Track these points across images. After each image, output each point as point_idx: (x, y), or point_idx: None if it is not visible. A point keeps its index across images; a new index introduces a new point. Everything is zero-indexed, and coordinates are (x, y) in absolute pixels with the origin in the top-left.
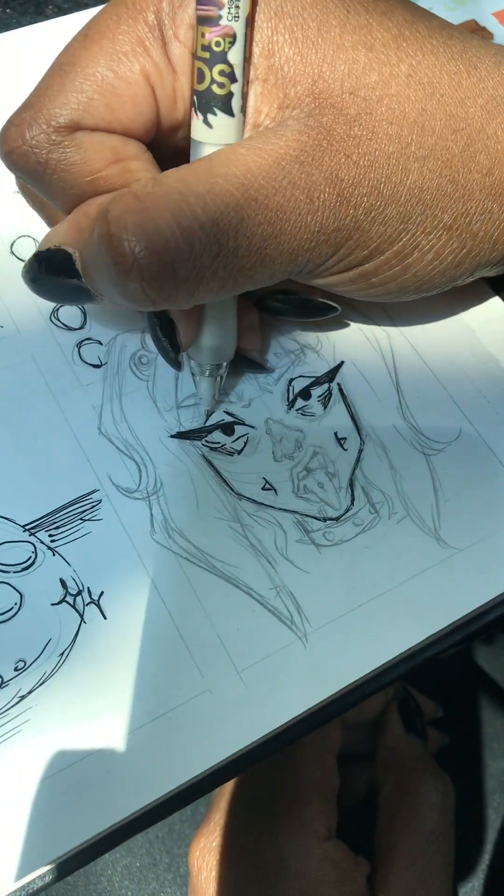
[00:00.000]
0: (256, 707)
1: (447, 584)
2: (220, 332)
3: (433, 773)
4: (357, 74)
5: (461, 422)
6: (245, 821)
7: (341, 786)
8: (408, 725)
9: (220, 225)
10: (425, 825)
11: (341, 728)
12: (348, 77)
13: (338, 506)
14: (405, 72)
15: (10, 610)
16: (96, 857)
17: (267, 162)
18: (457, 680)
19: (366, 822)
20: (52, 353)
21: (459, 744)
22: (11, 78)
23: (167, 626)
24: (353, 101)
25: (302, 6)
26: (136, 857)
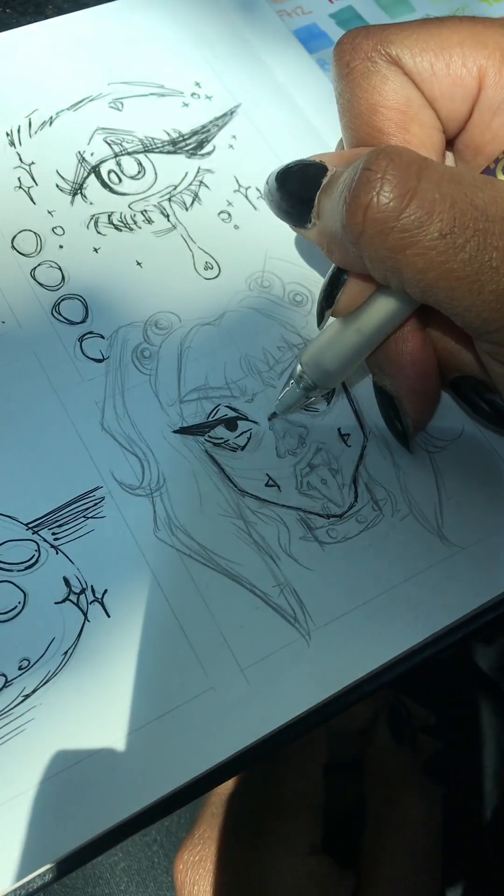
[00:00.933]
0: (260, 705)
1: (450, 582)
2: (343, 364)
3: (421, 786)
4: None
5: (464, 420)
6: (229, 835)
7: (328, 797)
8: (397, 735)
9: (466, 217)
10: (411, 839)
11: (329, 736)
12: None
13: (341, 503)
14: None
15: (13, 609)
16: (98, 855)
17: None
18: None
19: (354, 834)
20: (53, 348)
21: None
22: (11, 78)
23: (170, 624)
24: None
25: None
26: (134, 860)
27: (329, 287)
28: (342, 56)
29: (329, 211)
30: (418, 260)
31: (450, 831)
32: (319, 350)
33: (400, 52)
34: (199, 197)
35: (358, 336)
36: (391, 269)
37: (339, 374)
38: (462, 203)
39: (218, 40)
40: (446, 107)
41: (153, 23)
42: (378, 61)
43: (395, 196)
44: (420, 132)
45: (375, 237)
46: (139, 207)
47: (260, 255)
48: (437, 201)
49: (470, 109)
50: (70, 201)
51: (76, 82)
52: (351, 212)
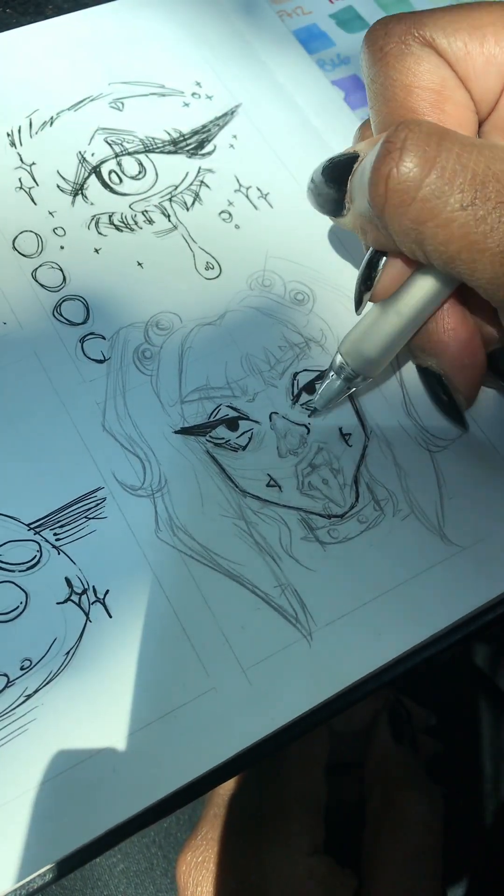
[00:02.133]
0: (262, 705)
1: (451, 581)
2: (386, 350)
3: (421, 786)
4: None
5: (466, 416)
6: (231, 836)
7: (329, 797)
8: (397, 735)
9: (488, 189)
10: (412, 840)
11: (330, 736)
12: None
13: (342, 503)
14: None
15: (15, 609)
16: (98, 855)
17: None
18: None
19: (355, 834)
20: (54, 349)
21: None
22: (12, 78)
23: (172, 624)
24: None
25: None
26: (132, 862)
27: (367, 271)
28: (375, 41)
29: (358, 192)
30: (440, 231)
31: (451, 831)
32: (360, 337)
33: (433, 33)
34: (199, 197)
35: (399, 319)
36: (416, 241)
37: (382, 361)
38: (483, 174)
39: (218, 40)
40: (480, 86)
41: (153, 23)
42: (412, 43)
43: (414, 165)
44: (455, 111)
45: (398, 208)
46: (140, 208)
47: (261, 255)
48: (457, 171)
49: (502, 88)
50: (71, 202)
51: (76, 82)
52: (373, 184)
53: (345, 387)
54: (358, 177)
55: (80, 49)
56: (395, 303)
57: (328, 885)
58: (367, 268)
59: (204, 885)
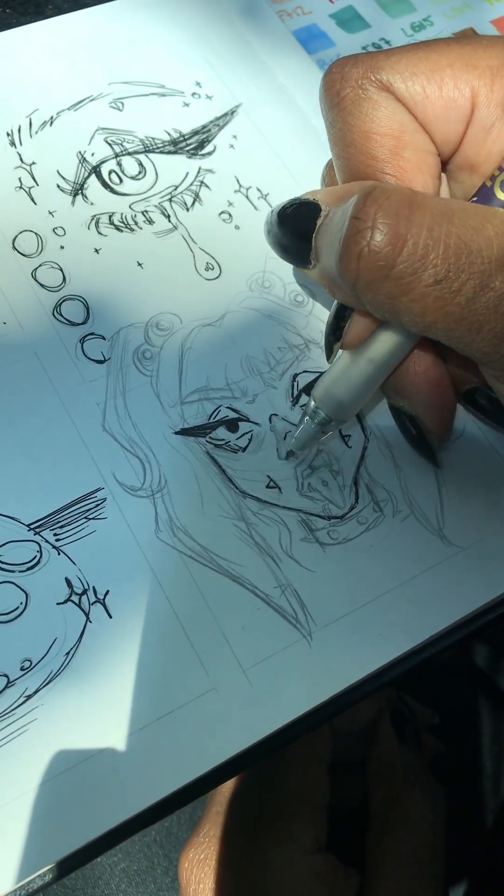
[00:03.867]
0: (262, 705)
1: (451, 582)
2: (358, 395)
3: (425, 785)
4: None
5: (465, 420)
6: (234, 834)
7: (332, 795)
8: (400, 734)
9: (461, 262)
10: (415, 838)
11: (333, 736)
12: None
13: (342, 504)
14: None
15: (15, 609)
16: (99, 855)
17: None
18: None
19: (358, 833)
20: (54, 350)
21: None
22: (12, 78)
23: (172, 625)
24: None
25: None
26: (133, 861)
27: (335, 321)
28: (332, 85)
29: (326, 254)
30: (415, 305)
31: (453, 830)
32: (332, 384)
33: (391, 77)
34: (199, 197)
35: (370, 366)
36: (390, 312)
37: (355, 406)
38: (456, 246)
39: (218, 40)
40: (440, 129)
41: (153, 23)
42: (369, 88)
43: (386, 245)
44: (415, 157)
45: (371, 284)
46: (140, 208)
47: (261, 256)
48: (429, 247)
49: (464, 130)
50: (71, 202)
51: (76, 82)
52: (344, 261)
53: (319, 431)
54: (325, 239)
55: (80, 49)
56: (366, 350)
57: (330, 883)
58: (336, 318)
59: (206, 883)
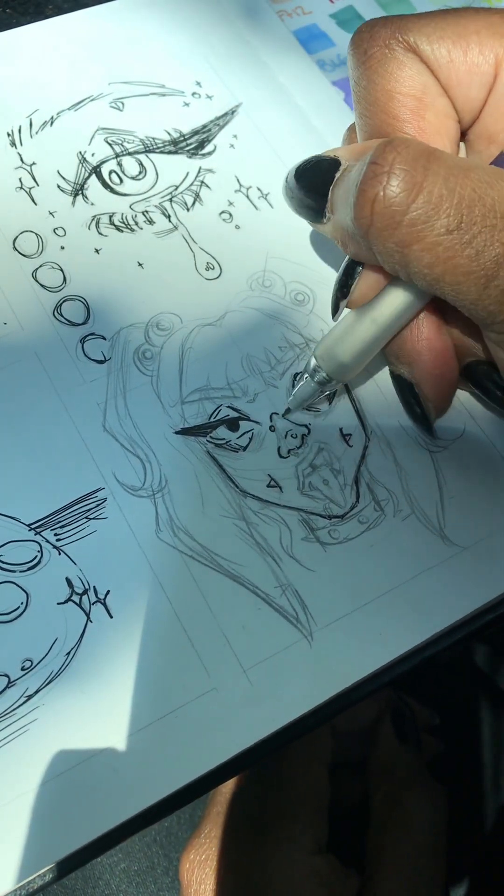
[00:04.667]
0: (262, 705)
1: (452, 582)
2: (359, 355)
3: (425, 785)
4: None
5: (465, 419)
6: (234, 835)
7: (333, 796)
8: (401, 735)
9: (473, 213)
10: (415, 838)
11: (333, 736)
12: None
13: (343, 503)
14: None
15: (16, 609)
16: (99, 855)
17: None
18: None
19: (358, 833)
20: (55, 350)
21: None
22: (12, 78)
23: (173, 625)
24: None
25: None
26: (133, 861)
27: (344, 278)
28: (360, 44)
29: (341, 205)
30: (425, 255)
31: (453, 830)
32: (334, 342)
33: (418, 39)
34: (200, 197)
35: (374, 327)
36: (399, 263)
37: (356, 366)
38: (469, 198)
39: (218, 40)
40: (462, 94)
41: (153, 22)
42: (396, 48)
43: (401, 190)
44: (435, 120)
45: (383, 231)
46: (140, 208)
47: (261, 255)
48: (444, 196)
49: (485, 98)
50: (71, 202)
51: (77, 82)
52: (359, 206)
53: (318, 389)
54: (342, 190)
55: (80, 49)
56: (371, 310)
57: (331, 883)
58: (345, 275)
59: (207, 883)
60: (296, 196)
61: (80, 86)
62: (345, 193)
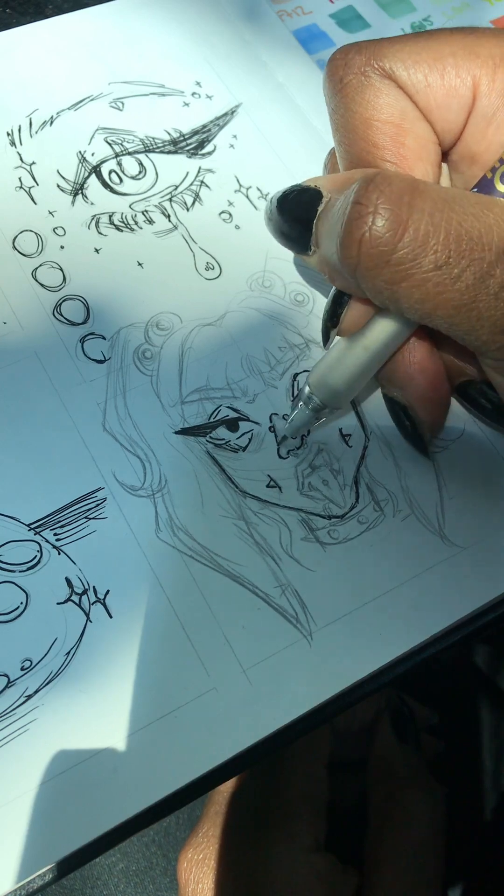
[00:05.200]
0: (262, 705)
1: (452, 582)
2: (352, 382)
3: (424, 784)
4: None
5: (465, 420)
6: (233, 833)
7: (332, 795)
8: (400, 734)
9: (461, 248)
10: (414, 837)
11: (333, 736)
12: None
13: (342, 503)
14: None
15: (15, 609)
16: (98, 855)
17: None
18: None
19: (357, 832)
20: (55, 349)
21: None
22: (12, 78)
23: (172, 625)
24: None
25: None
26: (132, 861)
27: (333, 307)
28: (335, 72)
29: (326, 240)
30: (415, 291)
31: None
32: (327, 370)
33: (393, 64)
34: (199, 197)
35: (365, 353)
36: (389, 299)
37: (349, 393)
38: (456, 232)
39: (218, 40)
40: (442, 118)
41: (153, 23)
42: (371, 75)
43: (387, 231)
44: (415, 145)
45: (371, 270)
46: (140, 207)
47: (261, 255)
48: (430, 233)
49: (465, 120)
50: (71, 201)
51: (77, 82)
52: (345, 246)
53: (313, 417)
54: (326, 226)
55: (80, 49)
56: (362, 338)
57: (330, 882)
58: (334, 304)
59: (205, 883)
60: (278, 226)
61: (79, 85)
62: (329, 230)
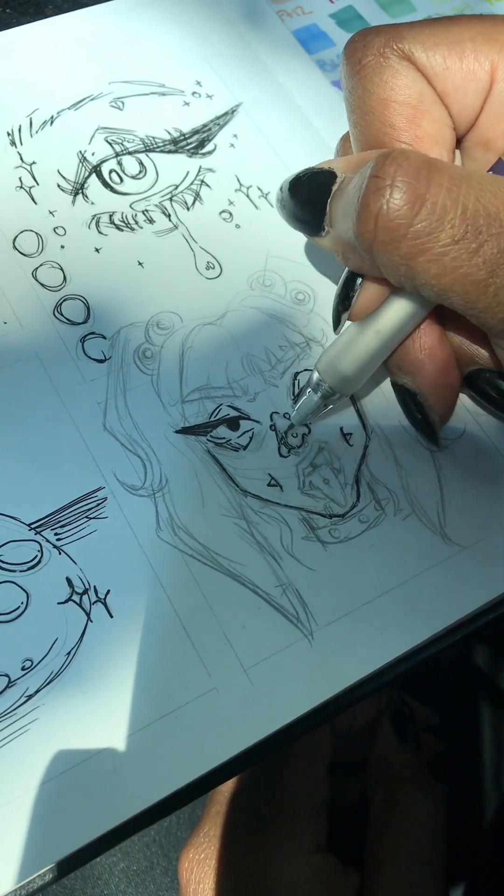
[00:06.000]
0: (263, 705)
1: (453, 581)
2: (362, 368)
3: (424, 785)
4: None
5: (466, 419)
6: (233, 834)
7: (333, 795)
8: (400, 734)
9: (479, 222)
10: (414, 837)
11: (333, 736)
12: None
13: (343, 502)
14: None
15: (16, 609)
16: (98, 855)
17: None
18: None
19: (358, 832)
20: (55, 349)
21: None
22: (12, 77)
23: (173, 625)
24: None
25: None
26: (133, 861)
27: (344, 290)
28: (353, 53)
29: (341, 219)
30: (432, 266)
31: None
32: (337, 355)
33: (412, 47)
34: (200, 196)
35: (377, 338)
36: (405, 275)
37: (359, 379)
38: (474, 207)
39: (218, 39)
40: (458, 102)
41: (153, 22)
42: (390, 56)
43: (404, 203)
44: (431, 128)
45: (388, 244)
46: (140, 207)
47: (261, 255)
48: (448, 207)
49: (481, 104)
50: (71, 201)
51: (77, 82)
52: (362, 220)
53: (321, 403)
54: (341, 204)
55: (80, 49)
56: (373, 322)
57: (331, 882)
58: (345, 287)
59: (206, 883)
60: (291, 209)
61: (80, 85)
62: (345, 207)
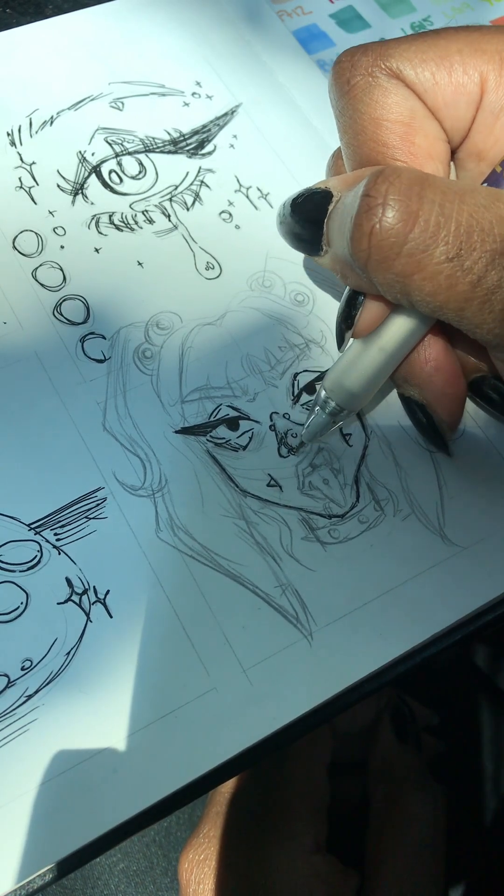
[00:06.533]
0: (262, 705)
1: (452, 581)
2: (369, 384)
3: (425, 785)
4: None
5: (465, 419)
6: (233, 834)
7: (333, 796)
8: (400, 735)
9: (472, 239)
10: (414, 838)
11: (333, 736)
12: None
13: (343, 503)
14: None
15: (16, 609)
16: (98, 855)
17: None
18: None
19: (358, 833)
20: (55, 349)
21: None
22: (12, 78)
23: (173, 625)
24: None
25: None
26: (132, 861)
27: (346, 309)
28: (341, 74)
29: (337, 238)
30: (426, 284)
31: (453, 830)
32: (343, 373)
33: (400, 64)
34: (200, 197)
35: (381, 354)
36: (401, 293)
37: (366, 395)
38: (467, 224)
39: (218, 40)
40: (450, 115)
41: (153, 23)
42: (379, 75)
43: (397, 221)
44: (425, 143)
45: (382, 263)
46: (140, 207)
47: (261, 255)
48: (441, 224)
49: (473, 116)
50: (71, 201)
51: (77, 82)
52: (356, 239)
53: (330, 421)
54: (337, 223)
55: (80, 49)
56: (377, 338)
57: (331, 883)
58: (347, 306)
59: (206, 883)
60: (290, 229)
61: (79, 85)
62: (340, 226)
